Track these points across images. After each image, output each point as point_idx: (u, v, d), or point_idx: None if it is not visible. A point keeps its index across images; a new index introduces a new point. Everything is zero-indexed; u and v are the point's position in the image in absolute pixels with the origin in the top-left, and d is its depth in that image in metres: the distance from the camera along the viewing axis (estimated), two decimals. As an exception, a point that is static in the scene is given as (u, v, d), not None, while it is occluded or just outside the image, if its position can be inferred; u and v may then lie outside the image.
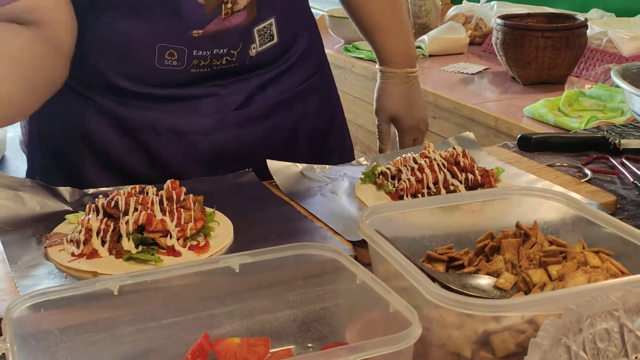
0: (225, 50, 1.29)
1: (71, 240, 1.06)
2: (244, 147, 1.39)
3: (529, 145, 1.53)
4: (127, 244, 1.03)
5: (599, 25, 2.76)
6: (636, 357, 0.68)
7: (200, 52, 1.28)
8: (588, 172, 1.41)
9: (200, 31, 1.25)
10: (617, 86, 2.34)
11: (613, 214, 1.19)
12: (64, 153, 1.39)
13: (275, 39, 1.35)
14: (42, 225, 1.13)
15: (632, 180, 1.38)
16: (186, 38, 1.25)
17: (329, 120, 1.56)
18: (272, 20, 1.30)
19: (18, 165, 2.24)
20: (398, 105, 1.59)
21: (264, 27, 1.30)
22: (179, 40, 1.25)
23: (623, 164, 1.45)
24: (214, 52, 1.28)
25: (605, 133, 1.61)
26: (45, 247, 1.07)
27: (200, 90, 1.34)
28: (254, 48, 1.32)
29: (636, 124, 1.73)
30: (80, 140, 1.37)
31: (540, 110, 2.28)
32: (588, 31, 2.60)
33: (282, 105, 1.43)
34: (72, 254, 1.04)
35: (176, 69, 1.29)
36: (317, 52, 1.51)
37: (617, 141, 1.53)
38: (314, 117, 1.50)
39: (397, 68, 1.57)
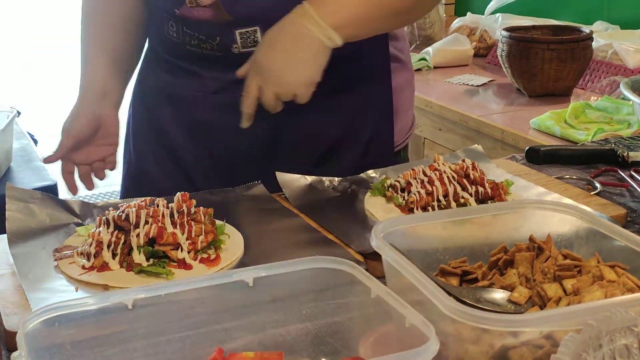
0: (204, 37, 1.33)
1: (81, 253, 1.05)
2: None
3: (538, 157, 1.53)
4: (138, 257, 1.03)
5: (604, 37, 2.76)
6: (655, 373, 0.68)
7: (188, 31, 1.34)
8: (597, 184, 1.40)
9: (177, 11, 1.32)
10: (624, 98, 2.34)
11: (623, 227, 1.18)
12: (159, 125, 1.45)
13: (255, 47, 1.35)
14: (52, 238, 1.13)
15: (641, 193, 1.37)
16: (174, 13, 1.33)
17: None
18: (257, 29, 1.31)
19: (23, 177, 2.23)
20: None
21: (247, 32, 1.31)
22: (171, 14, 1.34)
23: (632, 177, 1.45)
24: (196, 35, 1.34)
25: (613, 145, 1.61)
26: (55, 260, 1.06)
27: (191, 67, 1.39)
28: (235, 47, 1.33)
29: (644, 137, 1.72)
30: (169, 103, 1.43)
31: (547, 122, 2.27)
32: (593, 43, 2.60)
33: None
34: (83, 267, 1.03)
35: (176, 42, 1.37)
36: None
37: (625, 154, 1.52)
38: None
39: None
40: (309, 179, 1.34)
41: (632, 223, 1.27)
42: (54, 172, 2.16)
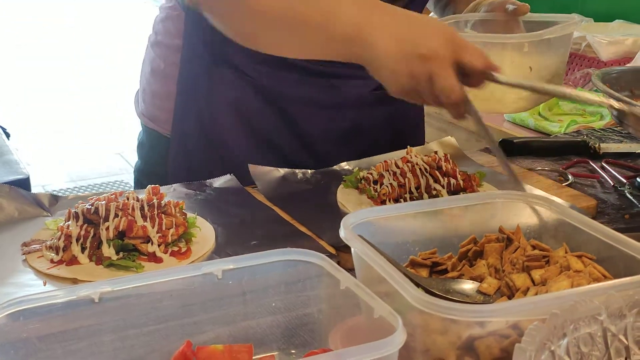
0: None
1: (50, 247, 1.04)
2: (371, 127, 1.45)
3: (511, 149, 1.54)
4: (108, 251, 1.02)
5: (578, 30, 2.78)
6: (620, 361, 0.68)
7: None
8: (569, 176, 1.41)
9: None
10: (597, 90, 2.36)
11: (594, 218, 1.19)
12: (206, 117, 1.41)
13: None
14: (21, 232, 1.11)
15: (612, 184, 1.39)
16: None
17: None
18: None
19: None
20: None
21: None
22: None
23: (603, 168, 1.46)
24: None
25: (585, 137, 1.62)
26: (23, 254, 1.05)
27: (342, 70, 1.37)
28: None
29: (615, 128, 1.74)
30: (226, 108, 1.39)
31: (521, 115, 2.29)
32: (567, 36, 2.62)
33: None
34: (52, 261, 1.02)
35: None
36: None
37: (597, 145, 1.54)
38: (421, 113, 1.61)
39: None
40: (282, 171, 1.34)
41: (602, 214, 1.28)
42: (26, 165, 2.14)
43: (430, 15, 1.65)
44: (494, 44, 1.19)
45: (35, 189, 3.84)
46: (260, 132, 1.41)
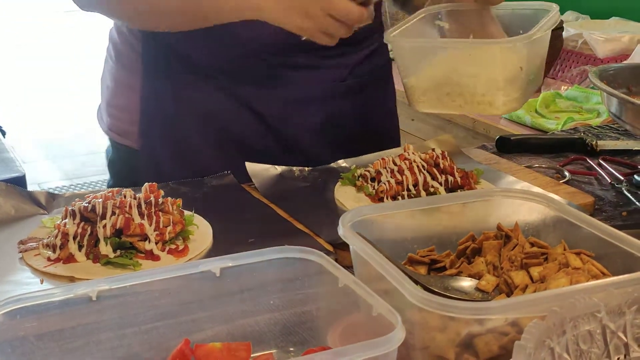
0: None
1: (47, 245, 1.04)
2: (345, 119, 1.44)
3: (508, 146, 1.54)
4: (105, 248, 1.01)
5: (574, 27, 2.78)
6: (618, 359, 0.68)
7: None
8: (566, 173, 1.41)
9: None
10: (593, 87, 2.36)
11: (591, 215, 1.19)
12: (182, 137, 1.38)
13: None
14: (17, 230, 1.11)
15: (609, 181, 1.39)
16: None
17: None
18: None
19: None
20: None
21: None
22: None
23: (600, 165, 1.46)
24: None
25: (582, 134, 1.62)
26: (20, 252, 1.05)
27: (316, 61, 1.36)
28: None
29: (612, 125, 1.74)
30: (193, 114, 1.37)
31: (518, 112, 2.29)
32: (564, 33, 2.62)
33: (373, 82, 1.48)
34: (48, 259, 1.02)
35: None
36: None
37: (594, 142, 1.54)
38: (393, 97, 1.57)
39: None
40: (279, 168, 1.33)
41: (600, 211, 1.28)
42: (22, 163, 2.13)
43: (392, 10, 1.68)
44: (487, 44, 1.19)
45: (32, 187, 3.84)
46: (231, 136, 1.38)
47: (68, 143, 4.78)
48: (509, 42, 1.15)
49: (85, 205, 1.05)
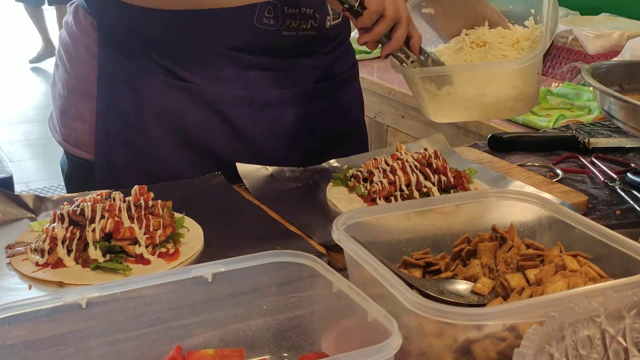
0: (311, 12, 1.30)
1: (35, 250, 1.02)
2: (313, 123, 1.42)
3: (500, 145, 1.53)
4: (94, 253, 1.00)
5: (564, 23, 2.77)
6: (618, 363, 0.67)
7: (291, 10, 1.29)
8: (559, 171, 1.41)
9: None
10: (584, 84, 2.36)
11: (585, 214, 1.19)
12: (135, 132, 1.33)
13: (340, 19, 1.38)
14: (4, 234, 1.09)
15: (602, 179, 1.38)
16: None
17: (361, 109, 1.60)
18: None
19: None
20: None
21: None
22: None
23: (593, 163, 1.45)
24: (302, 11, 1.30)
25: (574, 132, 1.61)
26: (7, 257, 1.03)
27: (286, 62, 1.35)
28: (329, 20, 1.34)
29: (604, 123, 1.73)
30: (157, 119, 1.32)
31: (508, 109, 2.28)
32: (554, 30, 2.62)
33: (341, 84, 1.47)
34: (37, 264, 1.00)
35: (271, 29, 1.29)
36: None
37: (586, 140, 1.53)
38: (360, 102, 1.56)
39: None
40: (270, 169, 1.32)
41: (593, 210, 1.27)
42: (10, 164, 2.11)
43: None
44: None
45: (19, 186, 3.80)
46: (197, 141, 1.33)
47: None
48: (519, 62, 1.19)
49: (74, 208, 1.03)
